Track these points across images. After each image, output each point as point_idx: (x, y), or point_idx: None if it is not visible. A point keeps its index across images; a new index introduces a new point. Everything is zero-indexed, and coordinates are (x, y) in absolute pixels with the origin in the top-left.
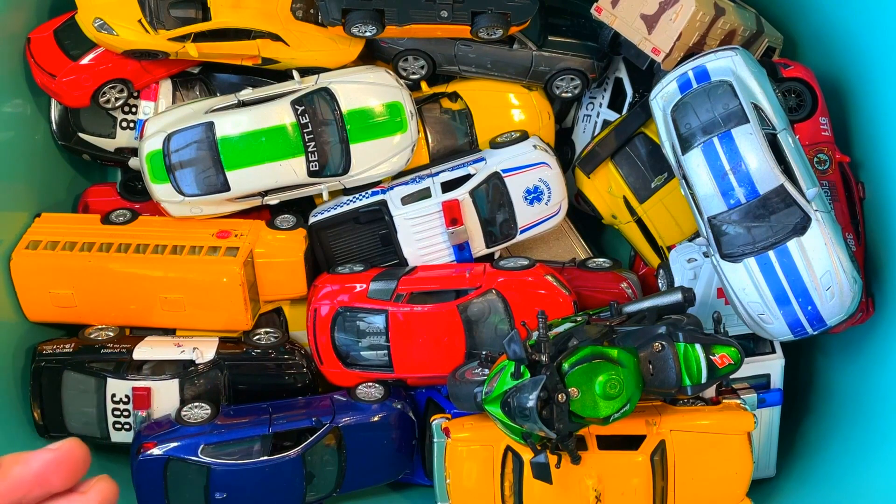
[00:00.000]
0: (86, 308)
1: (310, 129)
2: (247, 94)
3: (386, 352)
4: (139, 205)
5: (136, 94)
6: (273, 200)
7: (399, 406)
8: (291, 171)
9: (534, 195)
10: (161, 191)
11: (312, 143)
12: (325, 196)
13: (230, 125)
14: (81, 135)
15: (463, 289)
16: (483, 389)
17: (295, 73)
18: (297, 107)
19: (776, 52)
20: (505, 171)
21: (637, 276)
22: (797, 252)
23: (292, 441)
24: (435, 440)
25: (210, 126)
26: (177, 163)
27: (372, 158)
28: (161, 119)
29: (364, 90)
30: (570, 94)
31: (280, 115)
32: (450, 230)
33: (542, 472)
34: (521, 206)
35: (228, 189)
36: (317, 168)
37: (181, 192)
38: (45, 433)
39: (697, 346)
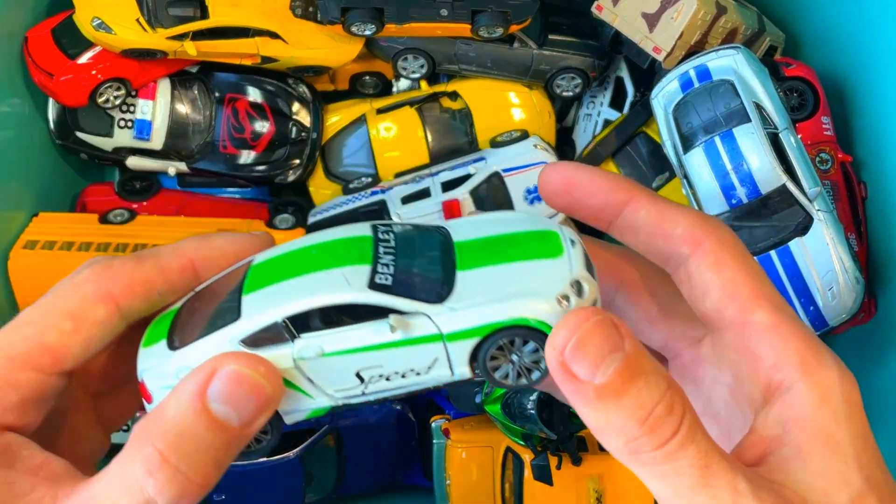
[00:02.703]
0: None
1: None
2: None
3: None
4: (137, 204)
5: (134, 94)
6: None
7: (399, 407)
8: None
9: (534, 195)
10: None
11: None
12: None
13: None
14: (79, 134)
15: None
16: (483, 390)
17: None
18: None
19: (778, 51)
20: (505, 170)
21: None
22: (799, 252)
23: (291, 442)
24: (435, 441)
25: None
26: None
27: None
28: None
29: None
30: (570, 93)
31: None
32: None
33: (543, 474)
34: (521, 205)
35: None
36: None
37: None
38: None
39: None
